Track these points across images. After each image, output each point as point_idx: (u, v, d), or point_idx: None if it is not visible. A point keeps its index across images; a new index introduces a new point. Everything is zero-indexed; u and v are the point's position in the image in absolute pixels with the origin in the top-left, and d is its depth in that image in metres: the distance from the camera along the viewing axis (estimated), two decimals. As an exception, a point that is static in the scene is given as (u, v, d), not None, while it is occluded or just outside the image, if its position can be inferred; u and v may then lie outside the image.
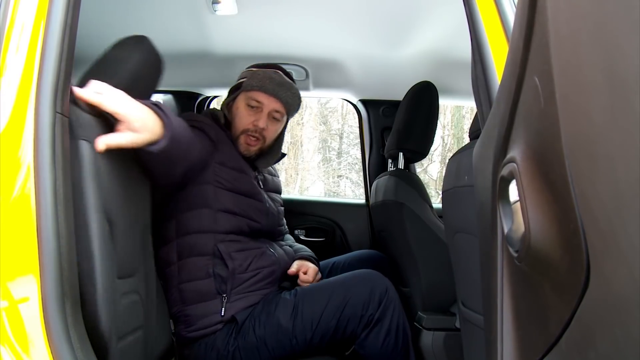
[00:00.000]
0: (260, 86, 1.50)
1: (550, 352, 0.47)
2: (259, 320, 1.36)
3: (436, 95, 1.83)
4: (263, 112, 1.51)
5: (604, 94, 0.37)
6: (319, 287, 1.45)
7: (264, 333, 1.35)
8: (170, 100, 2.35)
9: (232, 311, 1.38)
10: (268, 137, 1.54)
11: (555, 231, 0.45)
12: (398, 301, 1.42)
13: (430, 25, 1.71)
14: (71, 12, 0.87)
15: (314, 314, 1.36)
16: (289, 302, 1.38)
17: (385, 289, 1.40)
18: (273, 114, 1.52)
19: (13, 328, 0.78)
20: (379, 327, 1.37)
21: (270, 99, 1.51)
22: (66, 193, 0.84)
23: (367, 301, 1.37)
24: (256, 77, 1.51)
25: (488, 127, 0.67)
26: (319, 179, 9.65)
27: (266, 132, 1.52)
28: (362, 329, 1.37)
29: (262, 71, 1.53)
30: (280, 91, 1.51)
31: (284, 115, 1.56)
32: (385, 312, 1.38)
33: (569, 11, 0.42)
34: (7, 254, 0.79)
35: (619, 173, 0.36)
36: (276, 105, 1.52)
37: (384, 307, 1.38)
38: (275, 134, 1.57)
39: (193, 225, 1.41)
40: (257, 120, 1.50)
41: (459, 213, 1.21)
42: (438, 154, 8.78)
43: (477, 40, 0.88)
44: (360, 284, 1.40)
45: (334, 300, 1.37)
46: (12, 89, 0.83)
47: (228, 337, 1.37)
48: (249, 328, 1.36)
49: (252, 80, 1.51)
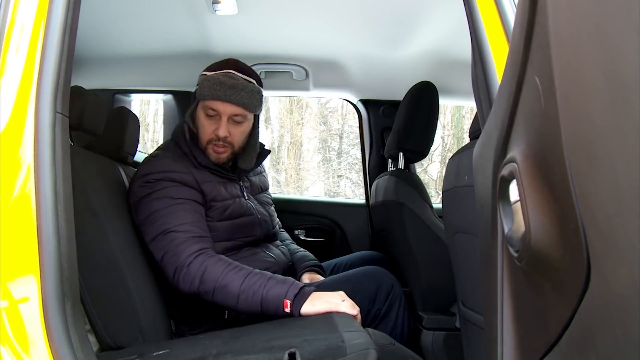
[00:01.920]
0: (212, 94, 1.42)
1: (551, 352, 0.47)
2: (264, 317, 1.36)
3: (436, 95, 1.83)
4: (222, 119, 1.44)
5: (605, 94, 0.37)
6: (325, 284, 1.46)
7: None
8: (170, 100, 2.35)
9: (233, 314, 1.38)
10: (235, 141, 1.48)
11: (555, 231, 0.45)
12: (403, 298, 1.45)
13: (430, 25, 1.71)
14: (71, 12, 0.87)
15: None
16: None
17: (392, 284, 1.43)
18: (233, 118, 1.45)
19: (13, 328, 0.78)
20: (385, 321, 1.41)
21: (225, 105, 1.43)
22: (66, 193, 0.84)
23: (373, 296, 1.40)
24: (207, 84, 1.43)
25: (488, 127, 0.67)
26: (319, 179, 9.65)
27: (230, 137, 1.46)
28: (369, 323, 1.39)
29: (212, 76, 1.44)
30: (233, 95, 1.42)
31: (246, 116, 1.48)
32: (392, 307, 1.41)
33: (569, 11, 0.42)
34: (7, 254, 0.79)
35: (619, 173, 0.36)
36: (233, 109, 1.44)
37: (390, 302, 1.41)
38: (242, 135, 1.50)
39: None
40: (217, 129, 1.44)
41: (459, 213, 1.21)
42: (438, 154, 8.78)
43: (477, 40, 0.88)
44: (366, 279, 1.43)
45: None
46: (12, 89, 0.83)
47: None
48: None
49: (203, 89, 1.44)
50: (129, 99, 2.39)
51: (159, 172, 1.39)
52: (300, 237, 2.31)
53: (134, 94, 2.41)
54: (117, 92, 2.30)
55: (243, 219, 1.49)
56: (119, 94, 2.30)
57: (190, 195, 1.39)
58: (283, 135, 9.35)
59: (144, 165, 1.44)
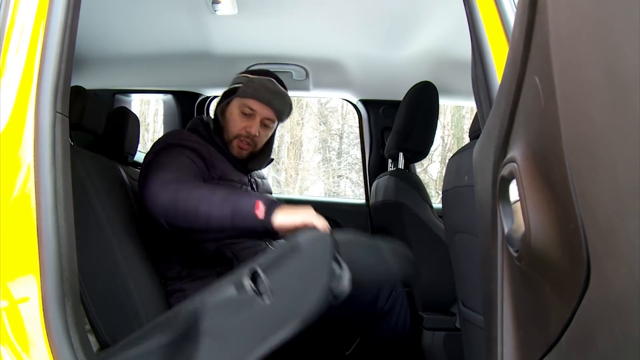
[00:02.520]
0: (255, 94, 1.53)
1: (551, 351, 0.47)
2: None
3: (436, 95, 1.83)
4: (256, 119, 1.54)
5: (604, 94, 0.37)
6: None
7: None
8: (170, 100, 2.35)
9: None
10: (259, 142, 1.59)
11: (555, 231, 0.45)
12: (405, 297, 1.47)
13: (431, 25, 1.71)
14: (71, 12, 0.87)
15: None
16: None
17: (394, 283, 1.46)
18: (265, 121, 1.56)
19: (13, 328, 0.78)
20: (387, 320, 1.42)
21: (263, 107, 1.54)
22: (66, 193, 0.84)
23: (376, 295, 1.41)
24: (251, 85, 1.54)
25: (488, 127, 0.67)
26: (319, 179, 9.65)
27: (258, 138, 1.56)
28: (371, 321, 1.42)
29: (257, 79, 1.56)
30: (273, 100, 1.54)
31: (274, 122, 1.60)
32: (394, 306, 1.43)
33: (569, 11, 0.42)
34: (7, 254, 0.79)
35: (619, 172, 0.36)
36: (269, 113, 1.55)
37: (393, 300, 1.43)
38: (266, 138, 1.62)
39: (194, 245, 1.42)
40: (249, 127, 1.54)
41: (459, 213, 1.21)
42: (438, 154, 8.78)
43: (477, 40, 0.88)
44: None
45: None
46: (13, 89, 0.83)
47: None
48: None
49: (247, 88, 1.54)
50: (129, 99, 2.39)
51: (175, 139, 1.47)
52: (301, 237, 2.31)
53: (134, 94, 2.41)
54: (117, 92, 2.30)
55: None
56: (119, 94, 2.30)
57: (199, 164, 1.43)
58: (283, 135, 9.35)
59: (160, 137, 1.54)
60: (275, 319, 0.86)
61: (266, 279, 0.87)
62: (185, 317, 0.91)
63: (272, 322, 0.86)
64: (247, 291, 0.87)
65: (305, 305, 0.86)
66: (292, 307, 0.87)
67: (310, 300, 0.86)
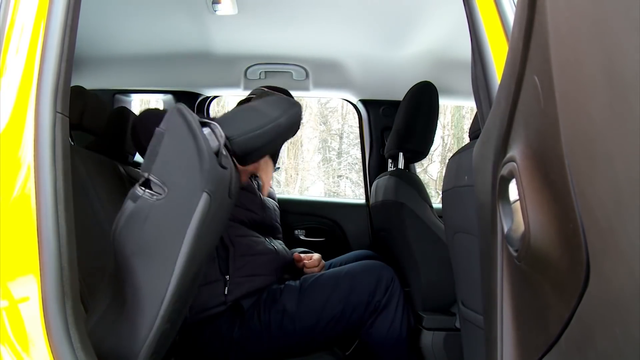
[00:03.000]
0: None
1: (550, 351, 0.47)
2: (264, 305, 1.40)
3: (436, 95, 1.83)
4: None
5: (604, 93, 0.37)
6: (324, 276, 1.48)
7: (268, 318, 1.38)
8: (170, 100, 2.35)
9: (236, 293, 1.41)
10: None
11: (555, 230, 0.45)
12: (402, 292, 1.47)
13: (431, 25, 1.71)
14: (71, 13, 0.87)
15: (320, 299, 1.40)
16: (295, 289, 1.42)
17: (392, 277, 1.46)
18: None
19: (13, 328, 0.78)
20: (386, 313, 1.43)
21: None
22: (66, 193, 0.84)
23: (373, 288, 1.42)
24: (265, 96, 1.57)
25: (488, 127, 0.67)
26: (319, 179, 9.65)
27: None
28: (368, 315, 1.41)
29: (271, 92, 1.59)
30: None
31: None
32: (391, 299, 1.43)
33: (568, 10, 0.42)
34: (7, 254, 0.79)
35: (619, 172, 0.36)
36: None
37: (390, 294, 1.43)
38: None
39: None
40: None
41: (459, 213, 1.21)
42: (438, 154, 8.78)
43: (477, 40, 0.88)
44: (366, 272, 1.45)
45: (341, 287, 1.41)
46: (13, 89, 0.83)
47: (232, 324, 1.39)
48: (253, 314, 1.39)
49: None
50: (129, 99, 2.39)
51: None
52: (300, 237, 2.31)
53: (134, 94, 2.41)
54: (117, 92, 2.30)
55: (246, 192, 1.54)
56: (119, 94, 2.30)
57: None
58: (283, 135, 9.33)
59: None
60: (182, 201, 0.86)
61: (154, 176, 0.86)
62: (109, 254, 0.92)
63: (181, 206, 0.86)
64: (144, 197, 0.87)
65: (196, 174, 0.85)
66: (186, 183, 0.87)
67: (197, 169, 0.85)
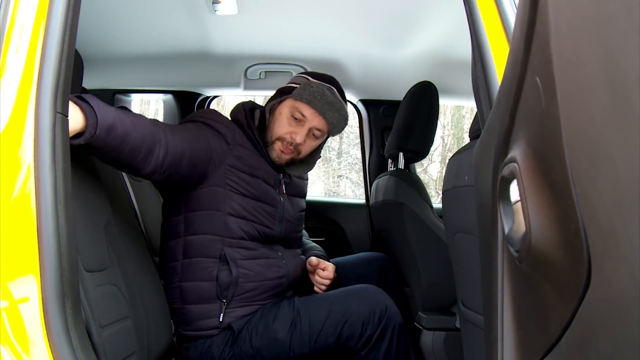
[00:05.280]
0: (310, 100, 1.42)
1: (551, 352, 0.47)
2: (256, 330, 1.34)
3: (436, 95, 1.83)
4: (304, 126, 1.44)
5: (605, 94, 0.37)
6: (317, 302, 1.41)
7: (260, 344, 1.33)
8: (170, 100, 2.35)
9: (230, 318, 1.37)
10: (303, 151, 1.48)
11: (556, 231, 0.45)
12: (399, 319, 1.37)
13: (431, 25, 1.71)
14: (71, 12, 0.87)
15: (312, 330, 1.33)
16: (288, 316, 1.35)
17: (385, 307, 1.35)
18: (314, 131, 1.46)
19: (13, 328, 0.78)
20: (378, 347, 1.33)
21: (315, 116, 1.44)
22: (66, 193, 0.84)
23: (366, 320, 1.32)
24: (309, 89, 1.43)
25: (488, 127, 0.67)
26: (319, 179, 9.65)
27: (302, 147, 1.46)
28: (361, 347, 1.33)
29: (316, 84, 1.44)
30: (328, 110, 1.43)
31: (324, 134, 1.49)
32: (385, 332, 1.33)
33: (569, 11, 0.42)
34: (7, 254, 0.79)
35: (620, 173, 0.36)
36: (320, 123, 1.45)
37: (384, 326, 1.33)
38: (311, 149, 1.51)
39: (202, 226, 1.38)
40: (295, 133, 1.44)
41: (459, 213, 1.21)
42: (438, 154, 8.78)
43: (477, 40, 0.88)
44: (359, 301, 1.36)
45: (333, 317, 1.33)
46: (13, 89, 0.83)
47: (224, 345, 1.35)
48: (245, 338, 1.34)
49: (303, 91, 1.43)
50: (129, 99, 2.39)
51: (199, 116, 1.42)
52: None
53: (134, 94, 2.41)
54: (117, 92, 2.30)
55: (265, 205, 1.43)
56: (119, 94, 2.30)
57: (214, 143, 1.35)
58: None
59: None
60: None
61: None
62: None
63: None
64: None
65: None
66: None
67: None
